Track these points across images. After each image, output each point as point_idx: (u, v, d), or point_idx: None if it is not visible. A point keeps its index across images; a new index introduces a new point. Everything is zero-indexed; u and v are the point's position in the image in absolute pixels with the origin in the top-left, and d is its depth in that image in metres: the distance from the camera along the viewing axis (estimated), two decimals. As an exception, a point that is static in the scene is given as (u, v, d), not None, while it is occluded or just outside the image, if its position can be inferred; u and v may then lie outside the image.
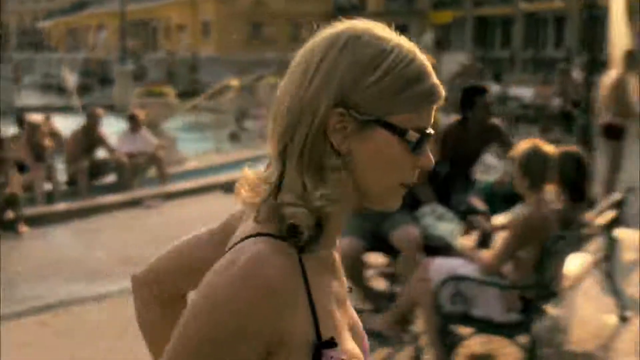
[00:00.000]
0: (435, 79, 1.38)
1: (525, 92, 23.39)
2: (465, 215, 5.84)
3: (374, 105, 1.33)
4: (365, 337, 1.51)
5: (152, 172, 13.04)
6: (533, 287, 4.81)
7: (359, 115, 1.32)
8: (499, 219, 5.72)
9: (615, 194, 6.70)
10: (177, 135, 16.17)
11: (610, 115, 10.10)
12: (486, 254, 5.08)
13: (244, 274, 1.25)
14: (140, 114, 13.18)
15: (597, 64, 11.16)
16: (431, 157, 1.39)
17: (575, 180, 5.25)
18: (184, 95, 22.09)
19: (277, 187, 1.34)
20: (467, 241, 5.82)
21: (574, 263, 5.84)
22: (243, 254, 1.28)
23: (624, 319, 6.17)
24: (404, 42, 1.38)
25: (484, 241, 6.09)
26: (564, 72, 18.98)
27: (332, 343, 1.31)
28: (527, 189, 4.83)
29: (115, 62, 34.31)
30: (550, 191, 5.00)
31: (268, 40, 44.85)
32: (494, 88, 23.62)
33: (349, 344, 1.37)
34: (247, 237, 1.32)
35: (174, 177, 13.12)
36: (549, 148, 4.87)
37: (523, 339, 4.93)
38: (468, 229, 5.80)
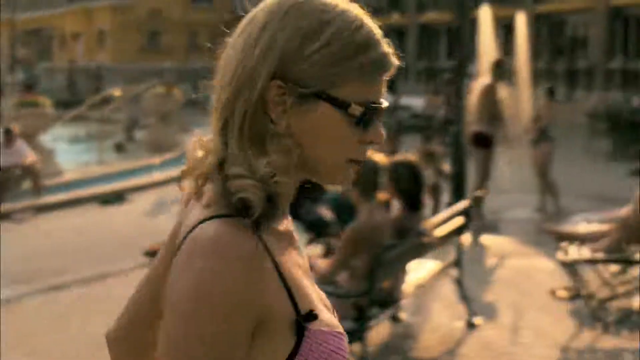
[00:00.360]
0: (385, 48, 1.30)
1: (417, 102, 23.78)
2: (313, 225, 5.86)
3: (315, 76, 1.25)
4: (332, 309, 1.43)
5: (27, 184, 12.75)
6: (365, 295, 4.84)
7: (298, 87, 1.25)
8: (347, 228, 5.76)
9: (462, 202, 6.82)
10: (59, 146, 15.85)
11: (479, 123, 10.29)
12: (323, 263, 5.10)
13: (215, 255, 1.17)
14: (15, 127, 12.90)
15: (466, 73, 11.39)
16: (381, 131, 1.31)
17: (410, 190, 5.31)
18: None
19: (221, 164, 1.27)
20: (311, 251, 5.84)
21: (423, 270, 5.93)
22: (201, 240, 1.20)
23: (472, 326, 6.27)
24: (351, 8, 1.30)
25: (329, 251, 6.12)
26: (449, 82, 19.31)
27: (312, 315, 1.26)
28: (359, 198, 4.87)
29: (5, 72, 33.54)
30: (385, 200, 5.06)
31: (165, 50, 44.43)
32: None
33: (325, 314, 1.31)
34: (198, 224, 1.23)
35: (50, 190, 12.84)
36: (379, 157, 4.91)
37: (356, 347, 4.96)
38: (313, 238, 5.83)
